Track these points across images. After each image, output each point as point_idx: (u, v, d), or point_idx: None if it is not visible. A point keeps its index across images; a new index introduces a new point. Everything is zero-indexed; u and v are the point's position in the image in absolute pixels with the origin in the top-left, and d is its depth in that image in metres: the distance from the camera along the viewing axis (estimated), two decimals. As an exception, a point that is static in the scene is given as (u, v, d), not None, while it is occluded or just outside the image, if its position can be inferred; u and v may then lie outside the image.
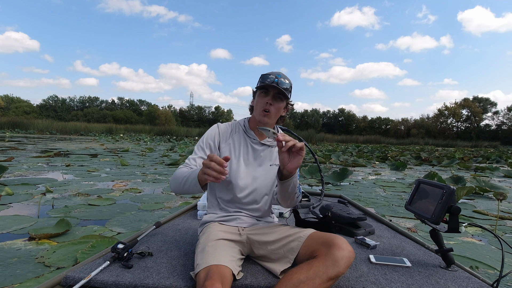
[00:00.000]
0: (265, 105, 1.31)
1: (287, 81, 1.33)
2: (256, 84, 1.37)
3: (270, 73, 1.33)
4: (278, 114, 1.37)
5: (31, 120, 29.18)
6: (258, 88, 1.35)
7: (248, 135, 1.42)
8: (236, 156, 1.38)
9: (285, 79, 1.33)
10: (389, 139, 43.57)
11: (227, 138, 1.42)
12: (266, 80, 1.31)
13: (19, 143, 12.67)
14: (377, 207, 3.58)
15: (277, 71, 1.36)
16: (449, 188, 1.26)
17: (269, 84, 1.29)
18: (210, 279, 0.99)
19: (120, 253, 1.27)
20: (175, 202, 3.46)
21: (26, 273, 1.65)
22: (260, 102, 1.33)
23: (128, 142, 16.91)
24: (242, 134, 1.43)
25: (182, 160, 7.40)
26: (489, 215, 3.34)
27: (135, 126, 37.31)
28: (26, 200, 3.24)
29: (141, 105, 67.10)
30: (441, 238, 1.34)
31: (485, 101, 59.09)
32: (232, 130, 1.45)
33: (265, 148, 1.42)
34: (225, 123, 1.48)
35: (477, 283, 1.21)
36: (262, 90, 1.34)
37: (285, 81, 1.32)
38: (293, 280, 1.02)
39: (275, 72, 1.34)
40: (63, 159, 7.20)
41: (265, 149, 1.42)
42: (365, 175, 6.68)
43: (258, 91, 1.36)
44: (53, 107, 58.69)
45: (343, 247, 1.08)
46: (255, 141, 1.41)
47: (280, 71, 1.37)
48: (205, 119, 67.14)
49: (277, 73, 1.34)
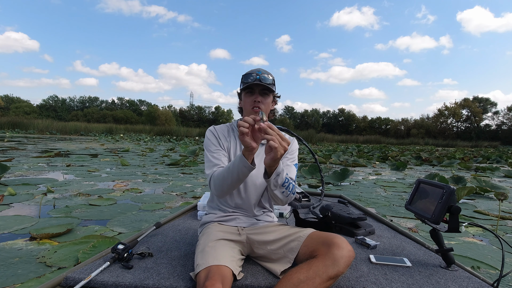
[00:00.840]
0: (254, 103, 1.34)
1: (270, 76, 1.36)
2: (240, 86, 1.39)
3: (251, 72, 1.36)
4: (268, 109, 1.40)
5: (31, 120, 29.20)
6: (243, 89, 1.37)
7: None
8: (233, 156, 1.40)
9: (268, 74, 1.36)
10: (389, 139, 43.55)
11: (226, 137, 1.44)
12: (249, 79, 1.34)
13: (19, 143, 12.67)
14: (378, 207, 3.58)
15: (257, 68, 1.39)
16: (449, 188, 1.26)
17: (253, 82, 1.31)
18: (210, 279, 0.99)
19: (120, 254, 1.27)
20: (176, 202, 3.46)
21: (27, 273, 1.65)
22: (248, 102, 1.35)
23: (128, 142, 16.92)
24: (237, 135, 1.43)
25: (182, 160, 7.39)
26: (490, 215, 3.34)
27: (135, 126, 37.32)
28: (27, 200, 3.24)
29: (141, 105, 67.14)
30: (441, 237, 1.35)
31: (485, 101, 59.07)
32: (229, 130, 1.47)
33: (261, 146, 1.42)
34: (220, 125, 1.50)
35: (478, 283, 1.21)
36: (247, 90, 1.36)
37: (268, 77, 1.35)
38: (293, 280, 1.02)
39: (255, 70, 1.36)
40: (64, 159, 7.21)
41: (262, 148, 1.42)
42: (366, 175, 6.68)
43: (243, 91, 1.38)
44: (53, 107, 58.71)
45: (343, 247, 1.08)
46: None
47: (260, 67, 1.39)
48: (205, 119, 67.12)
49: (257, 70, 1.36)
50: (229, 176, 1.20)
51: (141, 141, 19.20)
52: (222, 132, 1.45)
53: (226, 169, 1.22)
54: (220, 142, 1.41)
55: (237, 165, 1.15)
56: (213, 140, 1.41)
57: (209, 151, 1.39)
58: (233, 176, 1.18)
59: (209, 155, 1.38)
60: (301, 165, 6.83)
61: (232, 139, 1.44)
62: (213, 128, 1.46)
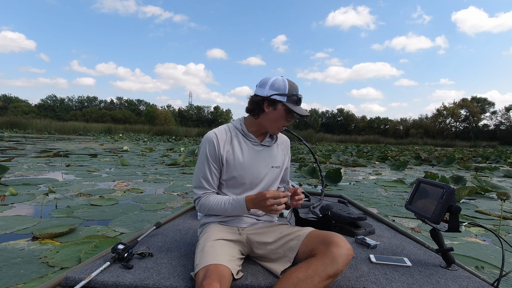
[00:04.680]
0: (286, 123, 1.36)
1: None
2: (280, 92, 1.30)
3: (296, 87, 1.34)
4: None
5: (29, 120, 29.10)
6: (288, 103, 1.31)
7: (248, 138, 1.39)
8: (240, 161, 1.35)
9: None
10: (388, 139, 43.53)
11: (228, 143, 1.36)
12: (295, 97, 1.32)
13: (17, 143, 12.65)
14: (380, 207, 3.60)
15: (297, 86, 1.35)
16: (449, 188, 1.27)
17: (302, 114, 1.33)
18: (208, 279, 1.00)
19: (121, 254, 1.28)
20: (177, 202, 3.47)
21: (30, 273, 1.66)
22: (282, 120, 1.34)
23: (128, 142, 16.89)
24: (241, 137, 1.39)
25: (182, 160, 7.38)
26: (492, 215, 3.35)
27: (134, 126, 37.23)
28: (28, 200, 3.25)
29: (139, 104, 67.00)
30: (441, 237, 1.35)
31: (483, 101, 59.16)
32: (231, 134, 1.38)
33: (264, 148, 1.42)
34: (220, 129, 1.39)
35: (478, 283, 1.22)
36: (290, 109, 1.32)
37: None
38: (292, 279, 1.03)
39: (297, 87, 1.35)
40: (63, 159, 7.20)
41: (265, 149, 1.42)
42: (366, 175, 6.70)
43: (284, 104, 1.31)
44: (51, 107, 58.55)
45: (341, 245, 1.09)
46: (255, 143, 1.40)
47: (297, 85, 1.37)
48: (204, 119, 67.01)
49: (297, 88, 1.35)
50: (220, 211, 1.31)
51: (140, 141, 19.18)
52: (222, 139, 1.35)
53: (220, 205, 1.30)
54: (219, 155, 1.33)
55: (235, 211, 1.27)
56: (212, 155, 1.33)
57: (203, 165, 1.34)
58: (225, 213, 1.31)
59: (201, 171, 1.34)
60: (301, 165, 6.84)
61: (235, 142, 1.37)
62: (214, 136, 1.34)
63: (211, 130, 1.38)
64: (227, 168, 1.35)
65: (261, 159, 1.40)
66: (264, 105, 1.33)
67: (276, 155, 1.46)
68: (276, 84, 1.31)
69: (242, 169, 1.35)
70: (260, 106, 1.33)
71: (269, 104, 1.32)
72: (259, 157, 1.39)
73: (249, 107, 1.37)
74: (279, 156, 1.47)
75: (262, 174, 1.40)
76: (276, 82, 1.31)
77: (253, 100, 1.35)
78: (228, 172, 1.35)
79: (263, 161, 1.40)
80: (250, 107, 1.37)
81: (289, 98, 1.31)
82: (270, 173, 1.42)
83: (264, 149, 1.41)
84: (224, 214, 1.31)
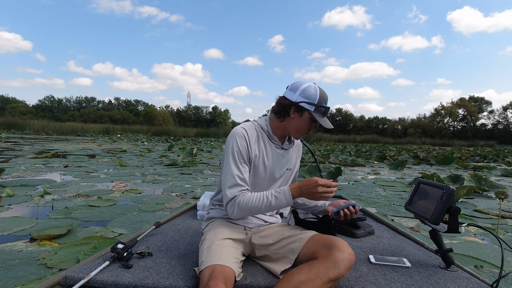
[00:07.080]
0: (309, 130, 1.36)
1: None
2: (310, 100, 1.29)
3: (326, 98, 1.34)
4: None
5: (27, 121, 28.97)
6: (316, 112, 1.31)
7: (272, 141, 1.39)
8: (266, 164, 1.36)
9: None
10: (386, 139, 43.64)
11: (255, 142, 1.35)
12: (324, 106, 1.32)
13: (15, 144, 12.59)
14: (379, 206, 3.60)
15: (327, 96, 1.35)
16: (448, 189, 1.27)
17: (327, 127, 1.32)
18: (214, 279, 1.00)
19: (120, 253, 1.28)
20: (176, 203, 3.46)
21: (28, 274, 1.65)
22: (306, 128, 1.35)
23: (126, 143, 16.85)
24: (266, 138, 1.38)
25: (182, 160, 7.35)
26: (490, 214, 3.36)
27: (132, 127, 37.18)
28: (26, 201, 3.23)
29: (137, 105, 66.88)
30: (440, 238, 1.36)
31: (480, 100, 59.43)
32: (258, 134, 1.37)
33: (284, 152, 1.43)
34: (247, 125, 1.37)
35: (477, 283, 1.22)
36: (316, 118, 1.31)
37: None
38: (293, 281, 1.03)
39: (327, 98, 1.35)
40: (61, 160, 7.17)
41: (285, 153, 1.43)
42: (365, 175, 6.70)
43: (310, 113, 1.31)
44: (49, 108, 58.43)
45: (344, 250, 1.09)
46: (278, 146, 1.41)
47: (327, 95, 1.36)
48: (202, 119, 67.00)
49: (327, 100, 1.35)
50: (264, 207, 1.22)
51: (138, 141, 19.14)
52: (252, 136, 1.33)
53: (262, 200, 1.22)
54: (250, 152, 1.31)
55: (281, 203, 1.22)
56: (244, 150, 1.30)
57: (234, 161, 1.28)
58: (269, 208, 1.23)
59: (234, 168, 1.27)
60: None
61: (261, 143, 1.36)
62: (244, 131, 1.32)
63: (237, 126, 1.36)
64: (253, 170, 1.35)
65: (280, 162, 1.41)
66: (291, 110, 1.32)
67: (291, 157, 1.47)
68: (308, 92, 1.30)
69: (265, 173, 1.37)
70: (286, 110, 1.32)
71: (296, 110, 1.31)
72: (280, 160, 1.41)
73: (276, 109, 1.36)
74: (293, 158, 1.48)
75: (278, 176, 1.41)
76: (308, 90, 1.30)
77: (281, 102, 1.34)
78: (252, 174, 1.35)
79: (281, 163, 1.41)
80: (276, 108, 1.35)
81: (317, 108, 1.30)
82: (284, 175, 1.43)
83: (283, 152, 1.42)
84: (267, 209, 1.23)
